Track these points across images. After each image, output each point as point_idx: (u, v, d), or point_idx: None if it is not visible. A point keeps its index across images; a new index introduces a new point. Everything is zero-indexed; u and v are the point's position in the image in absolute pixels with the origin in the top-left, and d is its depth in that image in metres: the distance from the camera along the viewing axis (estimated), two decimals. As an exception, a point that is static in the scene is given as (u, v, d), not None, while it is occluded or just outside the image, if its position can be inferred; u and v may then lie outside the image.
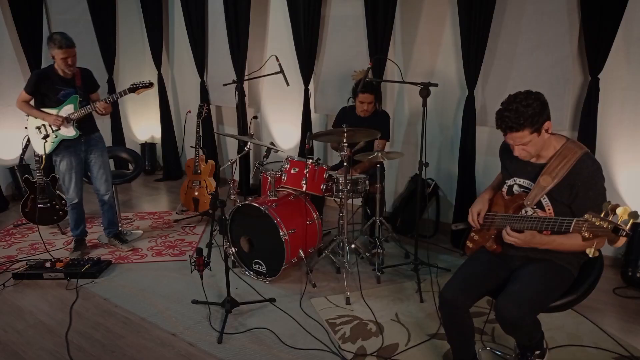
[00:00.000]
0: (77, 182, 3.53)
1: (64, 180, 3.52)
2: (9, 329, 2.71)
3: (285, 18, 4.63)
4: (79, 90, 3.39)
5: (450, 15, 3.76)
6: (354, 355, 2.43)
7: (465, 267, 2.16)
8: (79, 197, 3.58)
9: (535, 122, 1.84)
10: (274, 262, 3.16)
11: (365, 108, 3.58)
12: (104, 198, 3.69)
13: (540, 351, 2.17)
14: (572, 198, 1.89)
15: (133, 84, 3.42)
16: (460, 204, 3.81)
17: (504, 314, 1.86)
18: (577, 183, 1.87)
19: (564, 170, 1.89)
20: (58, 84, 3.36)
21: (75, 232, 3.71)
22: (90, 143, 3.55)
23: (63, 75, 3.36)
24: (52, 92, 3.36)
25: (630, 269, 3.12)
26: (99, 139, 3.62)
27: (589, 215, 1.63)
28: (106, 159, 3.66)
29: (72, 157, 3.47)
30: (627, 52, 3.10)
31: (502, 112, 1.89)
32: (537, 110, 1.83)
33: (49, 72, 3.38)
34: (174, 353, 2.49)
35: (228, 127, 5.73)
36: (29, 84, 3.35)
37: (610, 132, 3.26)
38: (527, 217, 1.93)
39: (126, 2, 5.88)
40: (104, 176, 3.63)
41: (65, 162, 3.46)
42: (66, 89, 3.37)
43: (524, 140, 1.89)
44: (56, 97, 3.37)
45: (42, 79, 3.35)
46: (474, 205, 2.22)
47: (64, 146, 3.44)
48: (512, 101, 1.87)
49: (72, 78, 3.39)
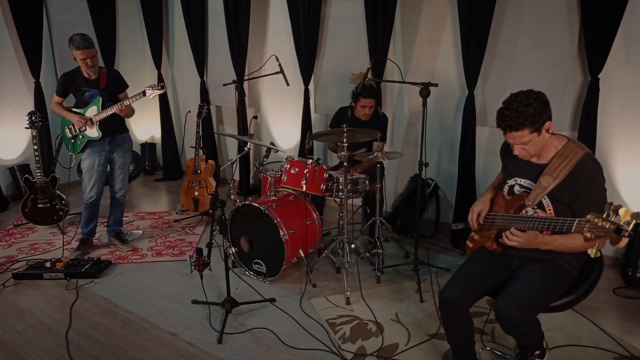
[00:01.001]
0: (97, 182, 3.57)
1: (84, 177, 3.58)
2: (9, 329, 2.71)
3: (285, 18, 4.63)
4: (102, 91, 3.44)
5: (450, 15, 3.76)
6: (354, 355, 2.43)
7: (465, 267, 2.16)
8: (97, 196, 3.61)
9: (535, 122, 1.84)
10: (274, 262, 3.17)
11: (367, 112, 3.57)
12: (116, 195, 3.75)
13: (540, 351, 2.16)
14: (573, 198, 1.89)
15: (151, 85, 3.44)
16: (460, 204, 3.81)
17: (503, 314, 1.86)
18: (578, 183, 1.87)
19: (565, 171, 1.89)
20: (83, 85, 3.44)
21: (84, 230, 3.71)
22: (115, 143, 3.61)
23: (87, 76, 3.42)
24: (79, 94, 3.46)
25: (630, 269, 3.12)
26: (124, 140, 3.67)
27: (591, 216, 1.63)
28: (128, 159, 3.73)
29: (96, 157, 3.53)
30: (627, 52, 3.10)
31: (503, 110, 1.89)
32: (537, 110, 1.83)
33: (75, 73, 3.45)
34: (174, 353, 2.49)
35: (228, 127, 5.73)
36: (58, 85, 3.49)
37: (610, 132, 3.26)
38: (528, 217, 1.93)
39: (126, 2, 5.88)
40: (121, 175, 3.71)
41: (88, 162, 3.53)
42: (90, 90, 3.44)
43: (524, 140, 1.89)
44: (82, 98, 3.45)
45: (69, 80, 3.45)
46: (475, 204, 2.22)
47: (89, 146, 3.52)
48: (513, 100, 1.87)
49: (96, 79, 3.45)
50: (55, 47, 5.18)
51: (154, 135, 6.46)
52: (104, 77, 3.46)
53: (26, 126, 3.94)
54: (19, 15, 4.75)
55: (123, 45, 5.94)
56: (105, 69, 3.51)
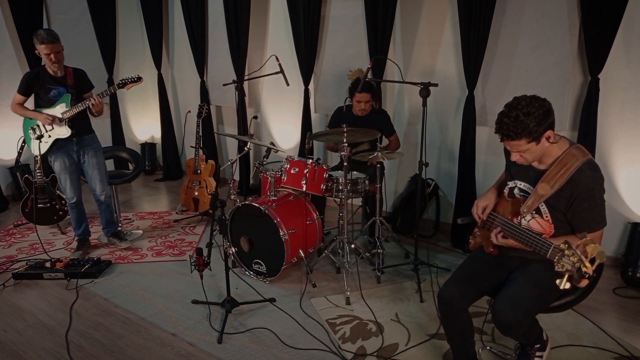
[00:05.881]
0: (72, 182, 3.52)
1: (59, 180, 3.53)
2: (9, 329, 2.71)
3: (285, 18, 4.63)
4: (70, 88, 3.36)
5: (450, 15, 3.76)
6: (354, 355, 2.43)
7: (463, 267, 2.16)
8: (77, 197, 3.58)
9: (534, 132, 1.77)
10: (274, 262, 3.16)
11: (362, 107, 3.58)
12: (100, 198, 3.67)
13: (540, 344, 2.17)
14: (569, 206, 1.87)
15: (122, 79, 3.42)
16: (460, 203, 3.81)
17: (500, 318, 1.86)
18: (574, 193, 1.83)
19: (562, 179, 1.84)
20: (49, 83, 3.34)
21: (78, 232, 3.70)
22: (83, 143, 3.52)
23: (53, 74, 3.34)
24: (44, 92, 3.35)
25: (630, 269, 3.12)
26: (92, 140, 3.58)
27: (564, 245, 1.61)
28: (101, 159, 3.62)
29: (65, 157, 3.46)
30: (627, 52, 3.10)
31: (502, 117, 1.82)
32: (538, 120, 1.76)
33: (40, 71, 3.36)
34: (174, 353, 2.49)
35: (228, 127, 5.73)
36: (21, 84, 3.36)
37: (610, 132, 3.26)
38: (519, 229, 1.91)
39: (126, 2, 5.88)
40: (99, 176, 3.60)
41: (59, 163, 3.46)
42: (57, 87, 3.36)
43: (521, 149, 1.84)
44: (47, 96, 3.35)
45: (33, 78, 3.34)
46: (480, 199, 2.18)
47: (56, 147, 3.43)
48: (514, 107, 1.79)
49: (63, 77, 3.37)
50: (55, 47, 5.18)
51: (154, 135, 6.46)
52: (71, 75, 3.39)
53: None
54: (19, 15, 4.75)
55: (123, 45, 5.94)
56: (71, 67, 3.42)
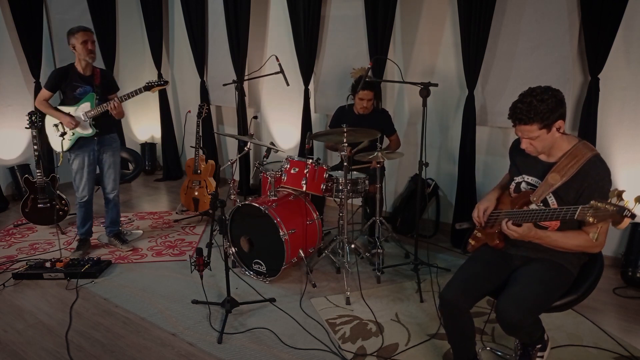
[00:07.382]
0: (88, 181, 3.55)
1: (75, 177, 3.55)
2: (9, 329, 2.71)
3: (285, 18, 4.63)
4: (96, 88, 3.43)
5: (450, 15, 3.76)
6: (354, 355, 2.43)
7: (465, 268, 2.16)
8: (89, 195, 3.60)
9: (546, 118, 1.84)
10: (274, 262, 3.16)
11: (365, 105, 3.58)
12: (109, 196, 3.72)
13: (541, 345, 2.17)
14: (577, 197, 1.89)
15: (148, 82, 3.44)
16: (460, 203, 3.81)
17: (504, 317, 1.86)
18: (584, 184, 1.87)
19: (573, 170, 1.89)
20: (76, 81, 3.40)
21: (81, 231, 3.71)
22: (104, 142, 3.58)
23: (82, 72, 3.40)
24: (70, 89, 3.41)
25: (630, 269, 3.12)
26: (113, 139, 3.65)
27: (594, 202, 1.66)
28: (117, 159, 3.70)
29: (85, 156, 3.50)
30: (627, 52, 3.10)
31: (516, 103, 1.89)
32: (550, 107, 1.83)
33: (69, 69, 3.42)
34: (174, 353, 2.49)
35: (228, 127, 5.73)
36: (49, 80, 3.41)
37: (610, 132, 3.26)
38: (531, 210, 1.93)
39: (126, 2, 5.88)
40: (112, 175, 3.67)
41: (78, 161, 3.50)
42: (84, 86, 3.41)
43: (532, 135, 1.89)
44: (73, 93, 3.41)
45: (62, 75, 3.40)
46: (480, 202, 2.21)
47: (78, 145, 3.48)
48: (529, 94, 1.87)
49: (91, 76, 3.44)
50: (55, 47, 5.18)
51: (154, 135, 6.46)
52: (98, 75, 3.47)
53: (26, 126, 3.94)
54: (19, 15, 4.75)
55: (123, 45, 5.94)
56: (98, 68, 3.50)
